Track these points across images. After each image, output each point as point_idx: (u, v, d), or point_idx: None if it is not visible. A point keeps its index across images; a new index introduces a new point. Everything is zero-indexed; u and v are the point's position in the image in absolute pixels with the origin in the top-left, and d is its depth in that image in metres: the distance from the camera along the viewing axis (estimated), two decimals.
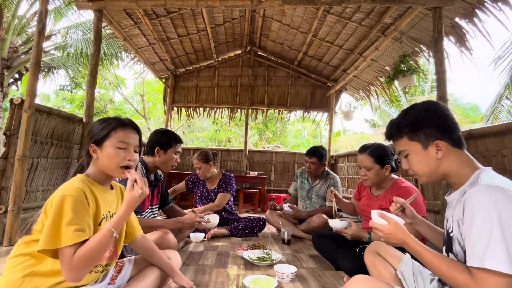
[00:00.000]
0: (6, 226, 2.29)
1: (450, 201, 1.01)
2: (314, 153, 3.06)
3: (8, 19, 7.06)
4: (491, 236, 0.77)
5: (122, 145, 1.12)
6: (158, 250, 1.33)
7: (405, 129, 1.03)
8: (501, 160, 2.06)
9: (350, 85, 5.70)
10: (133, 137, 1.17)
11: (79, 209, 0.96)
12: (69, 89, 11.83)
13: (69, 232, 0.92)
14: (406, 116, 1.04)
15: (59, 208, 0.93)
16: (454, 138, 0.98)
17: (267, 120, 12.85)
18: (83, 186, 1.01)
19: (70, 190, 0.97)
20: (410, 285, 1.13)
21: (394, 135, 1.07)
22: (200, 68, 5.98)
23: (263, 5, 3.12)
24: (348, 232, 1.81)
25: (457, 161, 0.98)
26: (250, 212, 4.87)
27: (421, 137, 1.00)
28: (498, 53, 6.02)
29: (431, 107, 1.02)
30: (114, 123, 1.14)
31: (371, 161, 1.89)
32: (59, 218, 0.92)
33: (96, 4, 3.24)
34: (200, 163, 3.03)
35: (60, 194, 0.95)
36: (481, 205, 0.81)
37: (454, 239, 0.95)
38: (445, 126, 0.98)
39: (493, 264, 0.76)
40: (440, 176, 1.01)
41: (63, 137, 2.85)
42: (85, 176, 1.09)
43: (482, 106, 18.42)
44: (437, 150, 0.98)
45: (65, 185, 1.01)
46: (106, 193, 1.14)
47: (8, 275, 0.96)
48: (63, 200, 0.94)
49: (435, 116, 0.99)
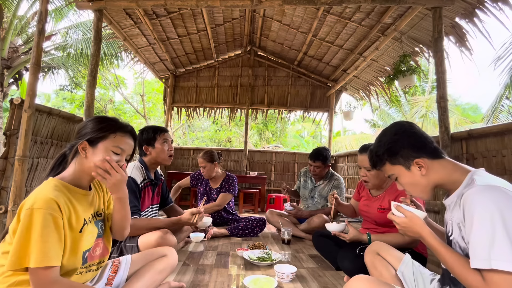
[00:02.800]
0: (6, 226, 2.29)
1: (448, 205, 1.02)
2: (318, 157, 3.00)
3: (8, 19, 7.06)
4: (494, 235, 0.77)
5: (117, 150, 1.07)
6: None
7: (384, 156, 1.09)
8: (501, 160, 2.06)
9: (350, 85, 5.70)
10: (130, 144, 1.13)
11: (48, 226, 0.87)
12: (69, 89, 11.82)
13: (35, 252, 0.84)
14: (380, 143, 1.10)
15: (27, 223, 0.85)
16: (430, 151, 1.02)
17: (267, 120, 12.85)
18: (56, 195, 0.92)
19: (40, 202, 0.88)
20: (410, 285, 1.13)
21: (377, 163, 1.13)
22: (200, 68, 5.98)
23: (263, 5, 3.12)
24: (346, 237, 1.81)
25: (443, 170, 1.00)
26: (250, 212, 4.86)
27: (400, 160, 1.05)
28: (498, 53, 6.01)
29: (398, 130, 1.08)
30: (115, 126, 1.09)
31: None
32: (26, 235, 0.85)
33: (96, 4, 3.24)
34: (205, 162, 3.03)
35: (28, 206, 0.87)
36: (481, 205, 0.81)
37: (455, 242, 0.95)
38: (417, 144, 1.03)
39: (501, 263, 0.75)
40: (433, 189, 1.04)
41: (63, 137, 2.85)
42: (59, 181, 1.00)
43: (482, 106, 18.41)
44: (419, 167, 1.01)
45: (35, 194, 0.91)
46: (85, 195, 1.07)
47: None
48: (31, 214, 0.86)
49: (404, 137, 1.04)
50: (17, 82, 8.10)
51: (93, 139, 1.05)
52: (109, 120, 1.12)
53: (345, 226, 1.88)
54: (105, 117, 1.13)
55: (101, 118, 1.11)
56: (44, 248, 0.85)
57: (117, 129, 1.09)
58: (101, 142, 1.05)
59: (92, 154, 1.04)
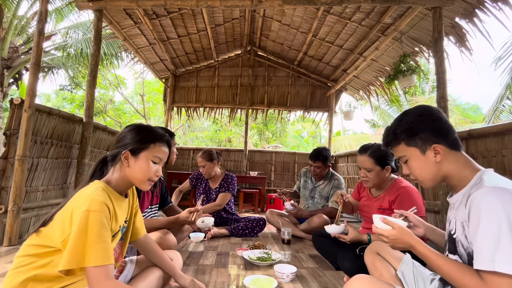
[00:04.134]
0: (6, 226, 2.29)
1: (452, 203, 1.01)
2: (318, 157, 2.99)
3: (8, 19, 7.07)
4: (500, 238, 0.76)
5: (156, 159, 1.12)
6: (160, 250, 1.33)
7: (401, 135, 1.03)
8: (501, 160, 2.06)
9: (350, 85, 5.70)
10: (166, 153, 1.18)
11: (104, 228, 0.92)
12: (69, 89, 11.82)
13: (94, 252, 0.88)
14: (401, 122, 1.05)
15: (84, 225, 0.89)
16: (451, 140, 0.98)
17: (267, 120, 12.85)
18: (106, 199, 0.97)
19: (96, 205, 0.92)
20: (410, 285, 1.13)
21: (392, 142, 1.08)
22: (200, 68, 5.98)
23: (263, 5, 3.12)
24: (346, 238, 1.81)
25: (456, 163, 0.97)
26: (250, 212, 4.87)
27: (418, 142, 1.00)
28: (498, 54, 6.01)
29: (424, 112, 1.03)
30: (154, 137, 1.13)
31: (371, 162, 1.86)
32: (83, 236, 0.88)
33: (96, 4, 3.24)
34: (204, 161, 3.03)
35: (85, 209, 0.90)
36: (488, 207, 0.80)
37: (458, 241, 0.94)
38: (440, 130, 0.99)
39: (505, 267, 0.74)
40: (441, 179, 1.01)
41: (63, 137, 2.85)
42: (106, 185, 1.05)
43: (483, 106, 18.41)
44: (435, 153, 0.98)
45: (88, 196, 0.95)
46: (122, 202, 1.12)
47: (12, 275, 0.95)
48: (88, 217, 0.89)
49: (429, 120, 1.00)
50: (17, 82, 8.10)
51: (135, 149, 1.10)
52: (148, 130, 1.16)
53: (344, 227, 1.88)
54: (144, 127, 1.17)
55: (141, 128, 1.15)
56: (103, 248, 0.90)
57: (156, 140, 1.13)
58: (142, 152, 1.10)
59: (134, 163, 1.09)
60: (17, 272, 0.94)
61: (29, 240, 0.98)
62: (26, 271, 0.93)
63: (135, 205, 1.26)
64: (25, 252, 0.97)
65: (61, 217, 0.95)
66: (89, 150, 3.08)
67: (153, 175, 1.12)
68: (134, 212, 1.25)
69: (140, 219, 1.30)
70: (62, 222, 0.93)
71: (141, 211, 1.95)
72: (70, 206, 0.94)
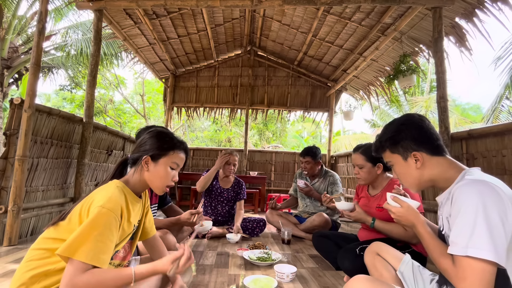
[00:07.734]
0: (6, 226, 2.29)
1: (440, 201, 1.05)
2: (308, 153, 3.12)
3: (8, 19, 7.06)
4: (475, 225, 0.80)
5: (174, 165, 1.17)
6: (166, 252, 1.34)
7: (386, 143, 1.12)
8: (501, 160, 2.06)
9: (350, 85, 5.70)
10: (184, 159, 1.22)
11: (109, 228, 0.93)
12: (69, 89, 11.81)
13: (88, 248, 0.88)
14: (386, 131, 1.14)
15: (93, 218, 0.91)
16: (433, 147, 1.04)
17: (267, 120, 12.86)
18: (122, 200, 1.01)
19: (111, 204, 0.95)
20: (410, 285, 1.13)
21: (379, 149, 1.17)
22: (200, 68, 5.98)
23: (263, 5, 3.13)
24: (351, 215, 1.83)
25: (439, 168, 1.02)
26: (250, 212, 4.86)
27: (400, 149, 1.08)
28: (498, 53, 6.02)
29: (406, 121, 1.10)
30: (175, 144, 1.18)
31: (363, 159, 1.94)
32: (89, 229, 0.90)
33: (96, 4, 3.24)
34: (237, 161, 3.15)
35: (101, 204, 0.93)
36: (466, 197, 0.85)
37: (446, 236, 0.98)
38: (420, 138, 1.05)
39: (477, 251, 0.78)
40: (427, 183, 1.06)
41: (63, 137, 2.85)
42: (124, 185, 1.09)
43: (483, 106, 18.41)
44: (416, 160, 1.04)
45: (108, 193, 0.98)
46: (137, 203, 1.15)
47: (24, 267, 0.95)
48: (100, 212, 0.92)
49: (410, 129, 1.07)
50: (17, 82, 8.10)
51: (155, 155, 1.14)
52: (168, 136, 1.19)
53: (353, 205, 1.88)
54: (164, 134, 1.20)
55: (161, 135, 1.19)
56: (98, 247, 0.90)
57: (175, 147, 1.18)
58: (162, 158, 1.15)
59: (153, 168, 1.14)
60: (29, 265, 0.94)
61: (46, 233, 0.99)
62: (38, 266, 0.94)
63: (146, 205, 1.29)
64: (40, 246, 0.97)
65: (79, 211, 0.97)
66: (89, 150, 3.08)
67: (170, 181, 1.17)
68: (145, 212, 1.27)
69: (150, 219, 1.31)
70: (80, 216, 0.96)
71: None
72: (89, 200, 0.97)
